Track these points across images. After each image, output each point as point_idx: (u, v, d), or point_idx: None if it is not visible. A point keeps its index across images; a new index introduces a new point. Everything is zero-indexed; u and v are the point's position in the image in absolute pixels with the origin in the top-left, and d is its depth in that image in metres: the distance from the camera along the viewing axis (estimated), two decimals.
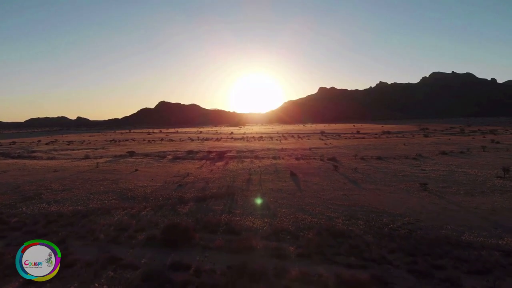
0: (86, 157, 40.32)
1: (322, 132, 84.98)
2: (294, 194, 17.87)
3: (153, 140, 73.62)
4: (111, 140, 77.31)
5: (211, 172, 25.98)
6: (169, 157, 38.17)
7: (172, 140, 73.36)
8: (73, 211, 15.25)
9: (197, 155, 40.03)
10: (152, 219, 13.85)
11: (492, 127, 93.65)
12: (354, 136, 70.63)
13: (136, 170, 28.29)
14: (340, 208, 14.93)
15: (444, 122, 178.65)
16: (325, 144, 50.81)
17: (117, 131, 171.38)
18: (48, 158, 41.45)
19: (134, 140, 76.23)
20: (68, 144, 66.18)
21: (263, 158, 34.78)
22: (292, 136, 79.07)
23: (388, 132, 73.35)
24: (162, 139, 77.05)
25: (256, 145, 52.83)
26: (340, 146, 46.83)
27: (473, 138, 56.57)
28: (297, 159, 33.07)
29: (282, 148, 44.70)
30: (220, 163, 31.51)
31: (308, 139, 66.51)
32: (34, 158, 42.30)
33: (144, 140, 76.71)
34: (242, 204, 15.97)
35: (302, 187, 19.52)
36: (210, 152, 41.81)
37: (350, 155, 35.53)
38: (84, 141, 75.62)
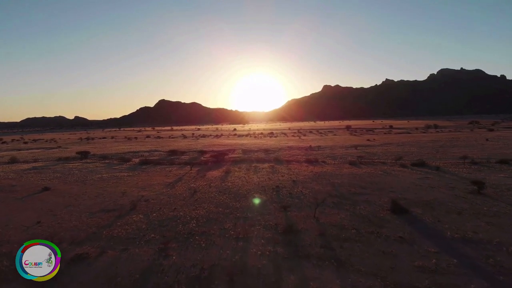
0: (12, 160, 26.21)
1: (348, 127, 69.99)
2: None
3: (134, 138, 59.25)
4: (84, 138, 63.10)
5: (192, 198, 11.57)
6: (136, 160, 23.91)
7: (159, 138, 58.97)
8: None
9: (182, 156, 25.75)
10: None
11: None
12: (391, 131, 55.70)
13: (45, 189, 14.05)
14: None
15: (468, 118, 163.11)
16: (368, 140, 36.07)
17: (105, 130, 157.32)
18: None
19: (113, 138, 61.94)
20: (26, 143, 52.10)
21: (289, 161, 20.40)
22: (311, 131, 64.29)
23: (435, 126, 58.52)
24: (148, 137, 62.74)
25: (269, 142, 38.22)
26: (391, 143, 32.20)
27: None
28: (352, 164, 18.62)
29: (310, 146, 30.25)
30: (215, 173, 17.14)
31: (334, 135, 51.61)
32: None
33: (125, 137, 62.43)
34: None
35: None
36: (203, 152, 27.39)
37: (433, 156, 21.04)
38: (53, 140, 61.50)
